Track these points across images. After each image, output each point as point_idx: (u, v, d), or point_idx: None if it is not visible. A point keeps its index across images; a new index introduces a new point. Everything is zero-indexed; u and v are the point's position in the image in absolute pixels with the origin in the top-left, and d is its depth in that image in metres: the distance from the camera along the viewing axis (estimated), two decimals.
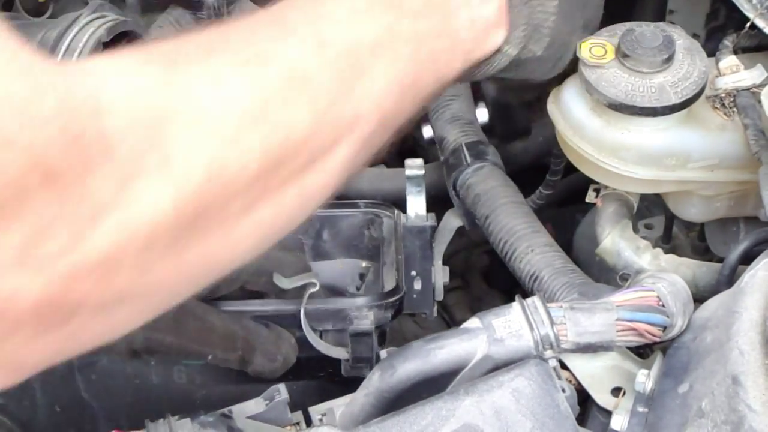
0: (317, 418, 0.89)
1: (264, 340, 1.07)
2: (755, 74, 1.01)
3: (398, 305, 1.11)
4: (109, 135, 0.61)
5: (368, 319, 1.08)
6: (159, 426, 0.84)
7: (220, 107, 0.67)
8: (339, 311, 1.09)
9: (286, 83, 0.72)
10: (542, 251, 1.09)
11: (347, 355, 1.09)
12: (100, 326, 0.66)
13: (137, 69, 0.66)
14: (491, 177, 1.20)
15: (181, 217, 0.64)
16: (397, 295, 1.11)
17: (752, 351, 0.77)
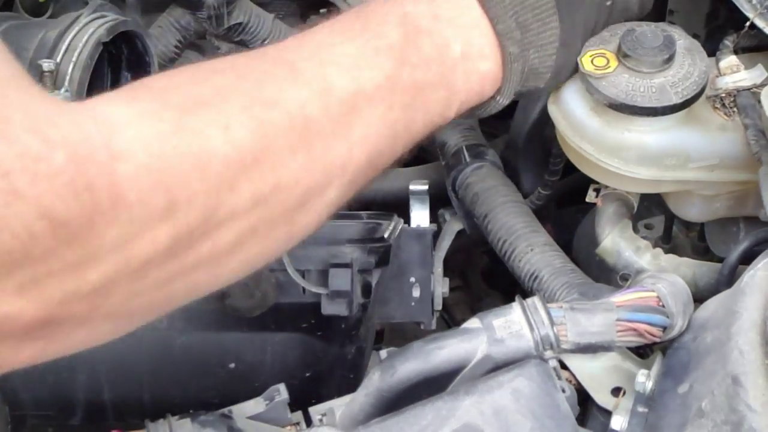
0: (317, 418, 0.90)
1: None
2: (755, 74, 1.01)
3: (382, 253, 1.10)
4: (120, 183, 0.64)
5: (349, 255, 1.08)
6: (159, 426, 0.85)
7: (224, 151, 0.70)
8: (321, 251, 1.08)
9: (289, 127, 0.75)
10: (542, 250, 1.09)
11: (326, 291, 1.08)
12: (84, 337, 0.69)
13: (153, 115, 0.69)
14: (490, 176, 1.20)
15: (174, 251, 0.68)
16: (382, 242, 1.10)
17: (752, 351, 0.77)
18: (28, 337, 0.65)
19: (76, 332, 0.67)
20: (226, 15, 1.37)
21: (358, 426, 0.80)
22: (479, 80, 0.90)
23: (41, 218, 0.60)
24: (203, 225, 0.69)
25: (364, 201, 1.42)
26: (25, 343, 0.65)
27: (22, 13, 1.30)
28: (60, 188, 0.61)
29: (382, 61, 0.83)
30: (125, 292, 0.67)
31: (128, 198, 0.64)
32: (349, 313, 1.08)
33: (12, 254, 0.60)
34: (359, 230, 1.18)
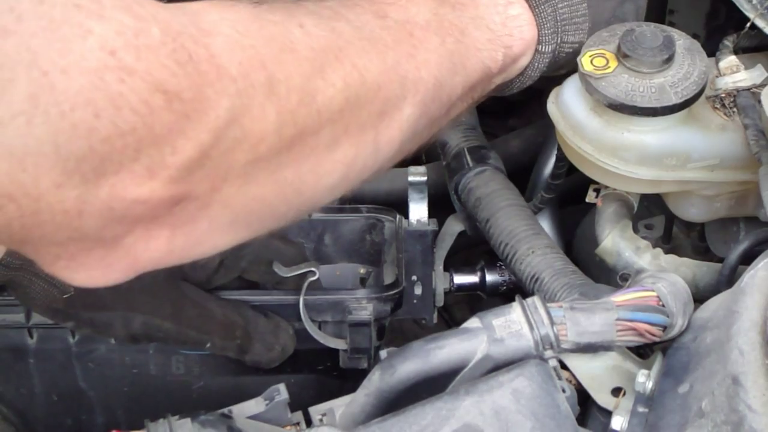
0: (317, 418, 0.89)
1: (262, 329, 1.07)
2: (755, 74, 1.01)
3: (397, 299, 1.11)
4: (218, 54, 0.66)
5: (367, 310, 1.08)
6: (159, 426, 0.84)
7: (308, 41, 0.74)
8: (338, 302, 1.09)
9: (357, 36, 0.79)
10: (543, 253, 1.09)
11: (345, 346, 1.09)
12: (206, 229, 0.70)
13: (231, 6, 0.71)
14: (493, 180, 1.20)
15: (281, 134, 0.71)
16: (397, 288, 1.11)
17: (752, 351, 0.77)
18: (156, 222, 0.67)
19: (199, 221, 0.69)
20: None
21: (358, 426, 0.80)
22: (516, 24, 0.95)
23: (155, 91, 0.62)
24: (304, 109, 0.72)
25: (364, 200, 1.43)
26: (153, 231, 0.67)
27: None
28: (166, 60, 0.62)
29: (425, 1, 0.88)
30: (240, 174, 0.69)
31: (230, 70, 0.66)
32: (368, 367, 1.09)
33: (136, 132, 0.61)
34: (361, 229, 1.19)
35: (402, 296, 1.12)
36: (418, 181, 1.17)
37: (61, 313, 1.03)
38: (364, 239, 1.23)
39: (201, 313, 1.05)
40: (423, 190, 1.17)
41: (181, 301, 1.04)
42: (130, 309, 1.02)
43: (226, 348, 1.07)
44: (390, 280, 1.15)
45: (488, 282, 1.24)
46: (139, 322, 1.03)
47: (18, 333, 1.10)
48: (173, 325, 1.04)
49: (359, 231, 1.23)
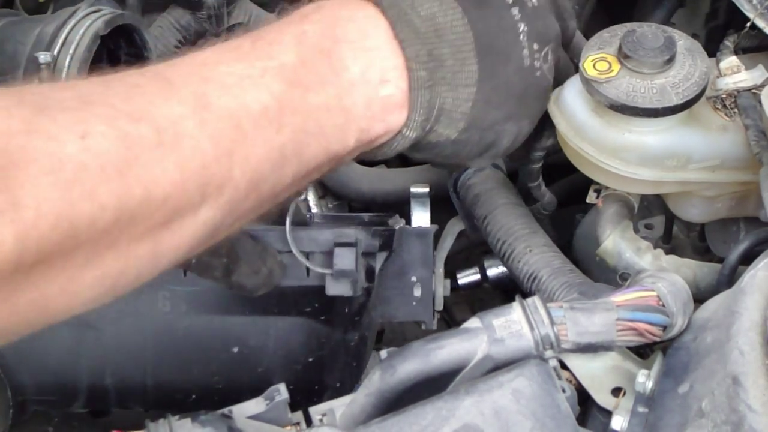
0: (317, 419, 0.89)
1: (249, 250, 1.04)
2: (756, 75, 1.01)
3: (386, 237, 1.10)
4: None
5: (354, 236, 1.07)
6: (159, 426, 0.84)
7: (82, 159, 0.66)
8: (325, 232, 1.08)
9: (157, 141, 0.71)
10: (540, 251, 1.09)
11: (330, 271, 1.07)
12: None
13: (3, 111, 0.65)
14: (491, 178, 1.20)
15: (20, 260, 0.64)
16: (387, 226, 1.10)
17: (752, 351, 0.77)
18: None
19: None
20: (226, 15, 1.37)
21: (358, 426, 0.80)
22: (381, 107, 0.85)
23: None
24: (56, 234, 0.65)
25: (364, 202, 1.43)
26: None
27: (22, 12, 1.30)
28: None
29: (270, 81, 0.79)
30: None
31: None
32: (353, 294, 1.08)
33: None
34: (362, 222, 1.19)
35: (392, 238, 1.11)
36: (420, 193, 1.17)
37: None
38: None
39: None
40: (425, 202, 1.17)
41: None
42: None
43: (212, 266, 1.02)
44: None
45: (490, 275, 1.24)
46: None
47: None
48: None
49: None
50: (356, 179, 1.44)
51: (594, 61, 0.98)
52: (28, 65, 1.14)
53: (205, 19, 1.37)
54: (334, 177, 1.46)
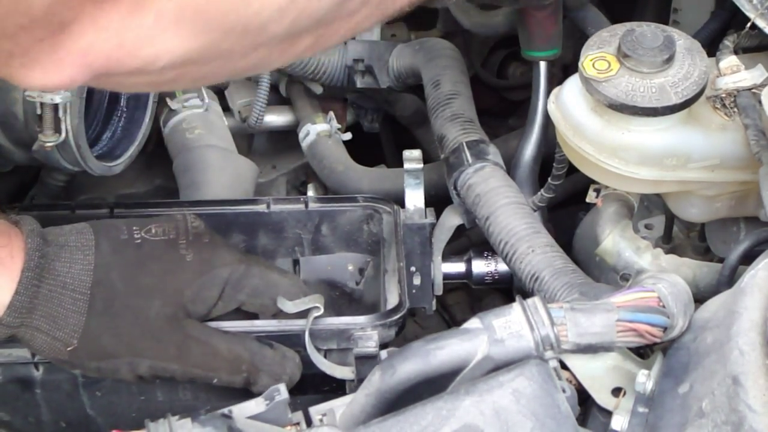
0: (317, 419, 0.89)
1: (269, 360, 1.06)
2: (756, 74, 1.01)
3: (402, 321, 1.11)
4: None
5: (372, 339, 1.07)
6: (159, 426, 0.84)
7: None
8: (343, 331, 1.08)
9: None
10: (543, 251, 1.09)
11: (352, 376, 1.08)
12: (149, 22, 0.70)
13: None
14: (492, 177, 1.20)
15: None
16: (401, 312, 1.10)
17: (752, 351, 0.77)
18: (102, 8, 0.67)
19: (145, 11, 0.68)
20: None
21: (358, 426, 0.80)
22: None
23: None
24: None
25: None
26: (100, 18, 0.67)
27: None
28: None
29: None
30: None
31: None
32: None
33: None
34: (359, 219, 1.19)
35: (406, 319, 1.12)
36: (413, 168, 1.17)
37: (67, 363, 1.03)
38: (362, 229, 1.23)
39: (206, 351, 1.04)
40: (419, 176, 1.17)
41: (185, 342, 1.04)
42: (135, 355, 1.02)
43: (233, 382, 1.06)
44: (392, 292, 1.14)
45: (475, 273, 1.25)
46: (145, 366, 1.03)
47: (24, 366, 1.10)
48: (179, 366, 1.04)
49: (357, 221, 1.23)
50: (356, 179, 1.44)
51: (593, 60, 0.98)
52: None
53: None
54: (334, 177, 1.46)
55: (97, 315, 1.00)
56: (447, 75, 1.34)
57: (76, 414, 1.12)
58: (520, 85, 1.71)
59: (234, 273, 1.06)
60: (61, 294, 0.99)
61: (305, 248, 1.23)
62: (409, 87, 1.49)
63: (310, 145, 1.51)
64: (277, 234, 1.22)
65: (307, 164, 1.55)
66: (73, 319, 0.99)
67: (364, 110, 1.65)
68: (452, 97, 1.30)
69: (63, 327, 0.99)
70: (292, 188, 1.61)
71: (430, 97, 1.33)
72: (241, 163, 1.42)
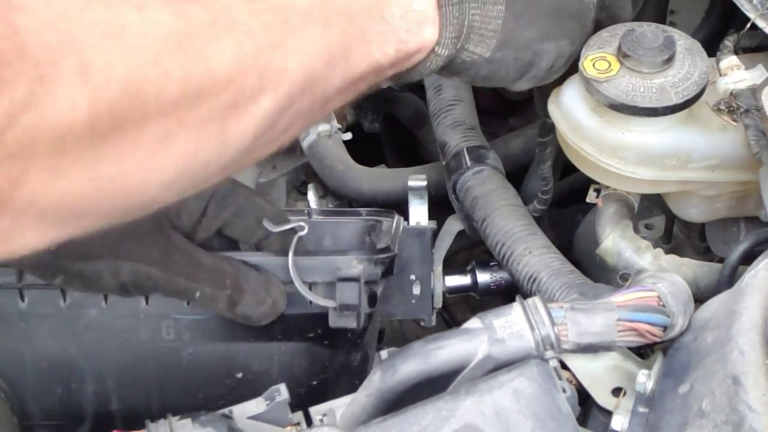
0: (318, 419, 0.89)
1: (253, 281, 1.04)
2: (756, 74, 1.01)
3: (389, 263, 1.10)
4: (22, 34, 0.61)
5: (357, 269, 1.07)
6: (159, 426, 0.84)
7: (143, 27, 0.67)
8: (328, 263, 1.08)
9: (212, 21, 0.72)
10: (540, 253, 1.09)
11: (334, 304, 1.07)
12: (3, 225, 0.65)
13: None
14: (490, 180, 1.20)
15: (95, 126, 0.64)
16: (387, 253, 1.09)
17: (753, 351, 0.77)
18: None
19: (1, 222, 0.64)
20: None
21: (358, 426, 0.80)
22: (415, 20, 0.87)
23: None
24: (126, 100, 0.65)
25: (364, 202, 1.43)
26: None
27: None
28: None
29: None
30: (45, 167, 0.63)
31: (34, 53, 0.61)
32: (357, 326, 1.08)
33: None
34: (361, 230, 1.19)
35: (393, 263, 1.11)
36: (418, 186, 1.17)
37: (49, 266, 1.00)
38: (364, 241, 1.23)
39: (190, 260, 1.02)
40: (423, 195, 1.17)
41: (169, 248, 1.01)
42: (118, 257, 0.99)
43: (216, 298, 1.03)
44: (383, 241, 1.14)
45: (480, 283, 1.24)
46: (127, 271, 1.00)
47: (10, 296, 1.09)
48: (162, 272, 1.01)
49: (359, 233, 1.23)
50: (356, 179, 1.45)
51: (593, 60, 0.98)
52: None
53: None
54: (334, 177, 1.46)
55: None
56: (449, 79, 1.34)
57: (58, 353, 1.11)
58: None
59: (219, 189, 1.04)
60: None
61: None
62: (409, 87, 1.50)
63: (310, 144, 1.51)
64: None
65: (307, 164, 1.55)
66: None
67: (364, 110, 1.65)
68: (454, 104, 1.31)
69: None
70: (293, 188, 1.61)
71: (432, 102, 1.34)
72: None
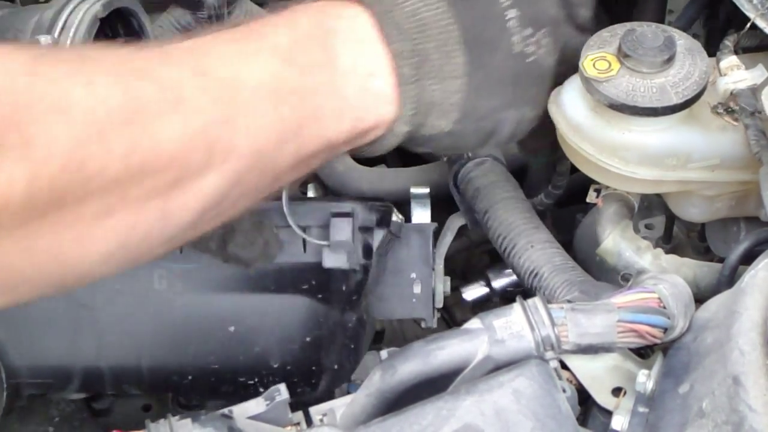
0: (318, 419, 0.89)
1: (245, 222, 1.02)
2: (756, 74, 1.01)
3: (383, 212, 1.09)
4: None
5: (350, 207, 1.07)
6: (159, 426, 0.84)
7: (89, 103, 0.67)
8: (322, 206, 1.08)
9: (160, 97, 0.71)
10: (542, 247, 1.09)
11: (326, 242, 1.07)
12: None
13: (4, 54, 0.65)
14: (492, 172, 1.20)
15: (33, 201, 0.64)
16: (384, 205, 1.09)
17: (753, 351, 0.77)
18: None
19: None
20: (226, 15, 1.37)
21: (358, 426, 0.80)
22: (374, 97, 0.86)
23: None
24: (67, 176, 0.65)
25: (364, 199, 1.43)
26: None
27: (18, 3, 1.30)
28: None
29: (265, 59, 0.79)
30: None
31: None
32: (350, 266, 1.07)
33: None
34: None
35: (389, 214, 1.10)
36: (420, 194, 1.17)
37: None
38: None
39: None
40: (426, 203, 1.17)
41: None
42: None
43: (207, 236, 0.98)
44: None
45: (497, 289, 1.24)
46: None
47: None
48: None
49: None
50: (356, 179, 1.44)
51: (594, 60, 0.98)
52: None
53: (205, 19, 1.37)
54: (334, 177, 1.46)
55: None
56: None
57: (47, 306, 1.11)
58: None
59: None
60: None
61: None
62: None
63: None
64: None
65: None
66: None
67: None
68: None
69: None
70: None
71: None
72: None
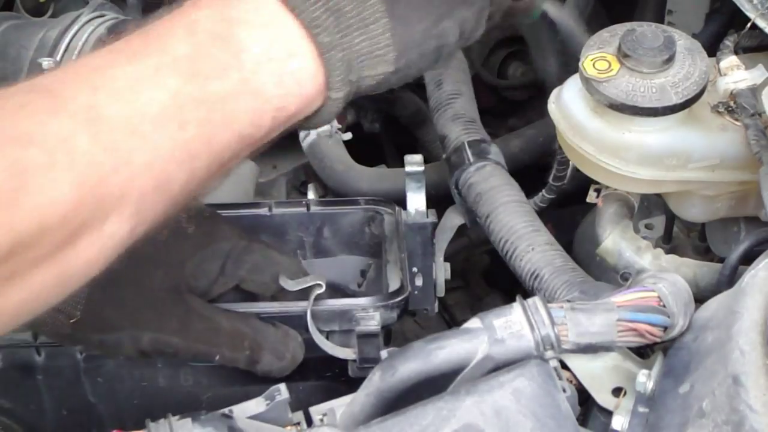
0: (318, 419, 0.89)
1: (271, 338, 1.06)
2: (756, 74, 1.01)
3: (404, 305, 1.11)
4: None
5: (374, 319, 1.08)
6: (160, 426, 0.84)
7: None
8: (345, 312, 1.08)
9: (49, 163, 0.69)
10: (543, 250, 1.09)
11: (354, 356, 1.09)
12: None
13: None
14: (493, 176, 1.20)
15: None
16: (403, 294, 1.10)
17: (753, 351, 0.77)
18: None
19: None
20: None
21: (358, 426, 0.80)
22: (295, 81, 0.82)
23: None
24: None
25: None
26: None
27: (23, 13, 1.30)
28: None
29: (165, 78, 0.76)
30: None
31: None
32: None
33: None
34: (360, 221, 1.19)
35: (408, 302, 1.12)
36: (415, 171, 1.16)
37: (69, 337, 1.02)
38: (364, 231, 1.23)
39: (208, 326, 1.04)
40: (420, 179, 1.16)
41: (187, 316, 1.03)
42: (138, 327, 1.01)
43: (236, 360, 1.05)
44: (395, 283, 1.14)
45: None
46: (147, 340, 1.02)
47: (26, 350, 1.10)
48: (181, 340, 1.03)
49: (358, 223, 1.23)
50: (356, 179, 1.45)
51: (594, 60, 0.98)
52: (31, 69, 1.15)
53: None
54: (334, 177, 1.46)
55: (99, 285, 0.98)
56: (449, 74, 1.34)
57: (77, 401, 1.12)
58: (521, 85, 1.71)
59: (235, 247, 1.05)
60: None
61: (307, 251, 1.23)
62: (409, 86, 1.49)
63: (310, 144, 1.51)
64: (279, 237, 1.22)
65: (307, 164, 1.55)
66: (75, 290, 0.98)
67: (364, 110, 1.65)
68: (454, 97, 1.31)
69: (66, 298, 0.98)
70: (293, 188, 1.61)
71: (433, 96, 1.34)
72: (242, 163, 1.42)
